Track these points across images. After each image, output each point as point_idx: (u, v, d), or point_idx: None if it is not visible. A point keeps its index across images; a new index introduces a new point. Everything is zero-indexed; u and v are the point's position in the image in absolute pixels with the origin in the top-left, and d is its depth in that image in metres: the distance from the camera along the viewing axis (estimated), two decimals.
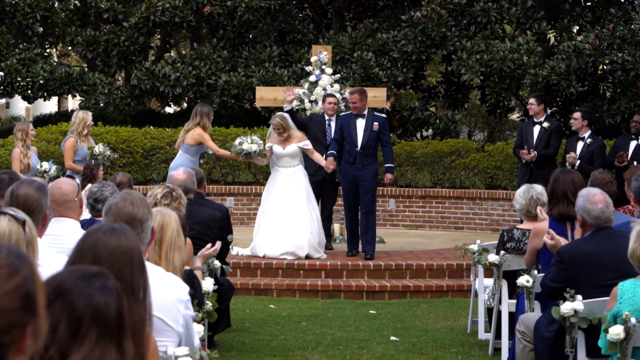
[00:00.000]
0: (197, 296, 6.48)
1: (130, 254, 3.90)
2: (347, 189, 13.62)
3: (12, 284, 2.20)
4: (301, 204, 13.43)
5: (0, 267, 2.20)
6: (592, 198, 7.06)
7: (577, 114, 15.26)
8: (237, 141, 13.74)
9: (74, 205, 6.60)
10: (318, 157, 13.61)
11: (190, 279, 6.44)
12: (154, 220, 5.05)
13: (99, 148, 13.99)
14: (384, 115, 14.04)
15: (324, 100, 15.44)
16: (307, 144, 13.65)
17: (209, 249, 7.60)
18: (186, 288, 4.99)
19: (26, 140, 13.89)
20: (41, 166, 13.95)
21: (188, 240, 7.61)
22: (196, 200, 9.42)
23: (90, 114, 14.38)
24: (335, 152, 13.50)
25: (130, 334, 3.02)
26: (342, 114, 14.17)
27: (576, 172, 8.52)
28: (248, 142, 13.63)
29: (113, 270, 3.81)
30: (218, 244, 7.76)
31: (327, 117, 14.88)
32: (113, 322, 2.76)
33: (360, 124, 13.54)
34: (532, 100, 15.35)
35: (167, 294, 4.85)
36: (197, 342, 5.18)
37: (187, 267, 6.83)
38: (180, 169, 9.60)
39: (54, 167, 14.04)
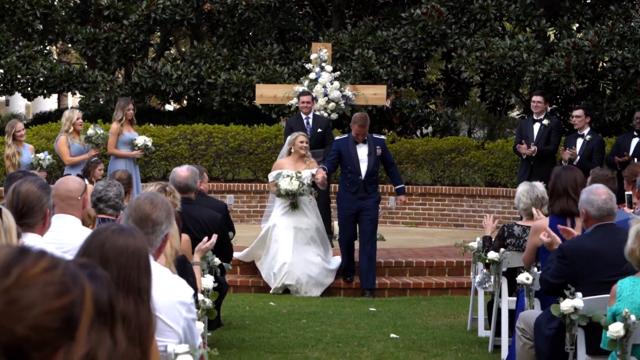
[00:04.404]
0: (189, 282, 6.47)
1: (138, 255, 3.91)
2: (346, 220, 12.87)
3: (59, 304, 2.14)
4: (317, 233, 12.99)
5: (52, 283, 2.15)
6: (596, 190, 7.09)
7: (579, 112, 15.23)
8: (280, 184, 12.69)
9: (77, 204, 6.61)
10: (322, 184, 13.00)
11: (181, 263, 6.44)
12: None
13: (92, 129, 14.09)
14: (383, 137, 13.48)
15: (298, 99, 15.48)
16: (315, 171, 12.94)
17: (205, 243, 7.59)
18: (190, 291, 4.99)
19: (16, 134, 13.93)
20: (35, 158, 13.98)
21: (186, 236, 7.61)
22: (197, 198, 9.41)
23: (76, 111, 14.49)
24: (325, 168, 12.77)
25: (120, 322, 3.03)
26: (338, 138, 13.42)
27: (578, 169, 8.54)
28: (288, 180, 12.70)
29: (121, 271, 3.83)
30: (214, 237, 7.75)
31: (304, 116, 14.92)
32: (105, 308, 2.77)
33: (362, 150, 12.79)
34: (539, 99, 15.34)
35: (169, 295, 4.85)
36: (198, 341, 5.18)
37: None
38: (184, 166, 9.56)
39: (49, 157, 14.07)
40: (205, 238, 7.61)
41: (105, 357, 2.69)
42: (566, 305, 6.77)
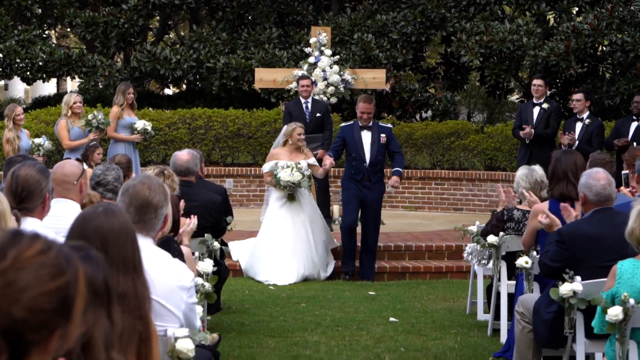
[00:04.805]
0: None
1: (131, 233, 3.96)
2: (350, 202, 12.64)
3: (54, 285, 2.17)
4: (312, 227, 12.64)
5: (47, 265, 2.18)
6: (595, 175, 7.08)
7: (579, 95, 15.22)
8: (280, 175, 12.34)
9: (73, 188, 6.59)
10: (322, 173, 12.90)
11: (164, 243, 6.43)
12: None
13: (92, 115, 14.11)
14: (390, 125, 13.33)
15: (297, 83, 15.43)
16: (315, 160, 12.86)
17: (189, 225, 7.55)
18: (190, 275, 5.00)
19: (16, 118, 13.94)
20: (33, 142, 13.99)
21: (184, 220, 7.60)
22: (196, 182, 9.43)
23: (74, 95, 14.51)
24: (332, 155, 12.64)
25: (117, 302, 3.06)
26: (343, 124, 13.24)
27: (578, 153, 8.54)
28: (288, 172, 12.36)
29: (120, 251, 3.86)
30: (194, 218, 7.70)
31: (303, 100, 14.89)
32: (101, 289, 2.80)
33: (367, 136, 12.64)
34: (539, 82, 15.33)
35: (170, 280, 4.86)
36: (198, 323, 5.20)
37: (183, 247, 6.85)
38: (184, 150, 9.59)
39: (47, 142, 14.08)
40: (188, 220, 7.57)
41: (101, 337, 2.71)
42: (565, 289, 6.78)
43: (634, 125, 15.05)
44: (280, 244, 12.53)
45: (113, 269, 3.55)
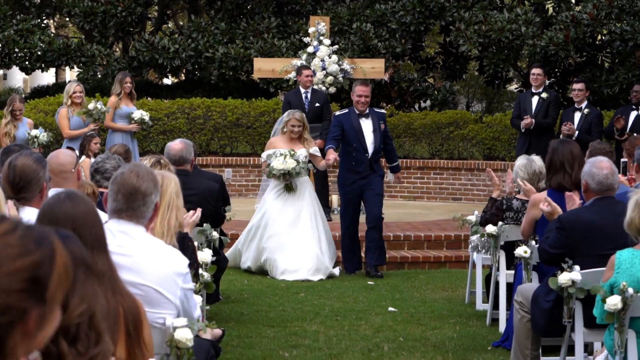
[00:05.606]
0: (189, 257, 6.48)
1: (97, 214, 4.06)
2: (348, 203, 12.17)
3: (17, 265, 2.17)
4: (313, 219, 12.11)
5: (11, 246, 2.20)
6: (599, 164, 7.08)
7: (579, 85, 15.21)
8: (273, 164, 11.89)
9: (71, 177, 6.58)
10: (324, 166, 12.44)
11: (181, 239, 6.43)
12: None
13: (92, 104, 14.11)
14: (383, 111, 12.94)
15: (299, 73, 15.35)
16: (317, 150, 12.40)
17: (191, 217, 7.53)
18: (185, 261, 4.99)
19: (13, 112, 13.92)
20: (29, 133, 13.97)
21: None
22: (193, 171, 9.43)
23: (74, 84, 14.51)
24: (334, 147, 11.93)
25: (99, 277, 3.10)
26: (338, 112, 12.54)
27: (574, 142, 8.55)
28: (282, 160, 11.88)
29: (92, 231, 3.92)
30: (199, 211, 7.69)
31: (303, 90, 14.86)
32: (92, 265, 2.82)
33: (367, 124, 12.01)
34: (538, 71, 15.32)
35: (165, 267, 4.85)
36: (197, 312, 5.19)
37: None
38: (177, 139, 9.60)
39: (44, 133, 14.05)
40: (191, 212, 7.56)
41: (100, 311, 2.73)
42: (564, 278, 6.78)
43: (633, 114, 15.05)
44: (278, 239, 12.08)
45: (88, 250, 3.58)
